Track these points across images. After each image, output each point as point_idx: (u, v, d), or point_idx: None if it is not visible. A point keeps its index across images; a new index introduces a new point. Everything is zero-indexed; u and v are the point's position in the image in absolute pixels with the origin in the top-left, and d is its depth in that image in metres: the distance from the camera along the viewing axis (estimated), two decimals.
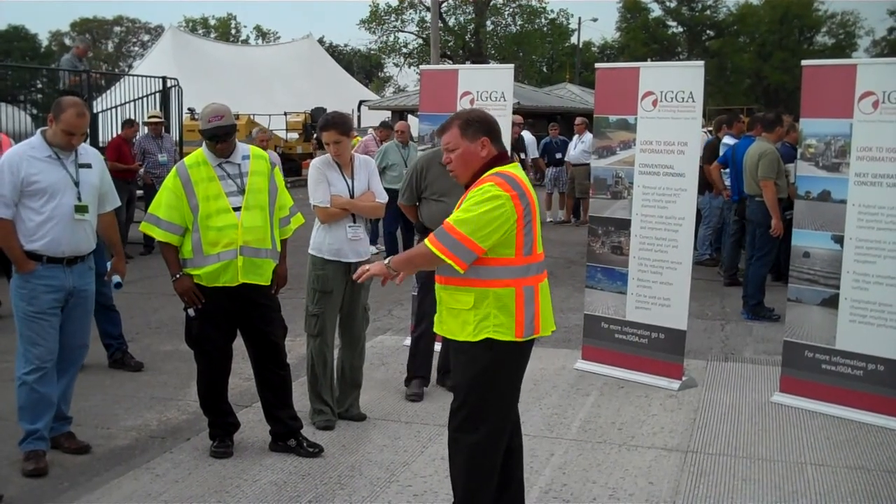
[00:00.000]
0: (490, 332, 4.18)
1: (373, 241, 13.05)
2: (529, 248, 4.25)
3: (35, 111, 17.46)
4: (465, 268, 4.13)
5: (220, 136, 5.63)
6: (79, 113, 5.53)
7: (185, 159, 5.77)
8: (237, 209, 5.63)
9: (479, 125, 4.31)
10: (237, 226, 5.60)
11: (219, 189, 5.63)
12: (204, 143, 5.73)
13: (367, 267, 4.42)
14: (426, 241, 4.18)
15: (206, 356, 5.80)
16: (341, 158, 6.36)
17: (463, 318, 4.23)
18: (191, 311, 5.70)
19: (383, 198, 6.56)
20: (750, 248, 10.34)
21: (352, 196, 6.34)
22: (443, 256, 4.11)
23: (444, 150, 4.37)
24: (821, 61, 7.49)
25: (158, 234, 5.65)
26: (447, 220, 4.18)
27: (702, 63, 7.39)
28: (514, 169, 4.31)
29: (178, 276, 5.67)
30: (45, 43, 67.99)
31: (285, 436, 5.92)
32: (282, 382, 5.94)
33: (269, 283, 5.80)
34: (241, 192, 5.68)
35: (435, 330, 4.50)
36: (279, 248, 5.90)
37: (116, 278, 6.07)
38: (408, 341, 7.86)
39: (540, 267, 4.34)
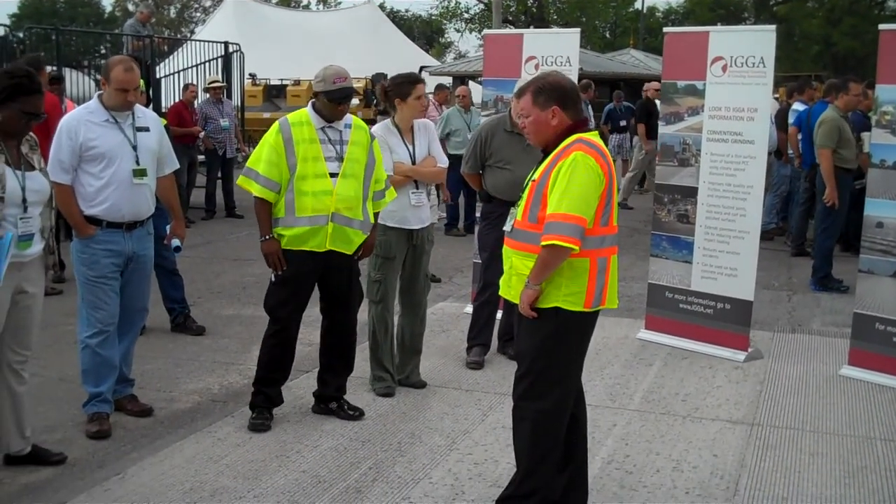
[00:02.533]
0: (559, 300, 4.12)
1: None
2: (606, 220, 4.18)
3: (99, 76, 17.63)
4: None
5: (344, 98, 5.59)
6: (126, 68, 5.50)
7: (289, 117, 5.68)
8: (333, 175, 5.57)
9: (551, 93, 4.22)
10: (331, 192, 5.54)
11: (318, 152, 5.57)
12: (310, 104, 5.68)
13: (524, 309, 4.16)
14: (546, 241, 4.02)
15: (277, 322, 5.74)
16: (423, 113, 6.36)
17: None
18: (272, 276, 5.69)
19: (444, 162, 6.50)
20: (817, 218, 10.12)
21: (413, 162, 6.28)
22: (564, 244, 4.00)
23: (518, 116, 4.31)
24: None
25: (256, 189, 5.57)
26: (554, 209, 4.05)
27: (773, 27, 7.19)
28: (594, 137, 4.24)
29: (267, 237, 5.61)
30: (108, 9, 68.50)
31: (328, 399, 5.93)
32: (347, 352, 5.94)
33: (352, 253, 5.77)
34: (340, 159, 5.61)
35: (501, 294, 4.43)
36: (372, 220, 5.84)
37: (176, 241, 6.08)
38: (469, 309, 7.82)
39: (614, 239, 4.27)
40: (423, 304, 6.60)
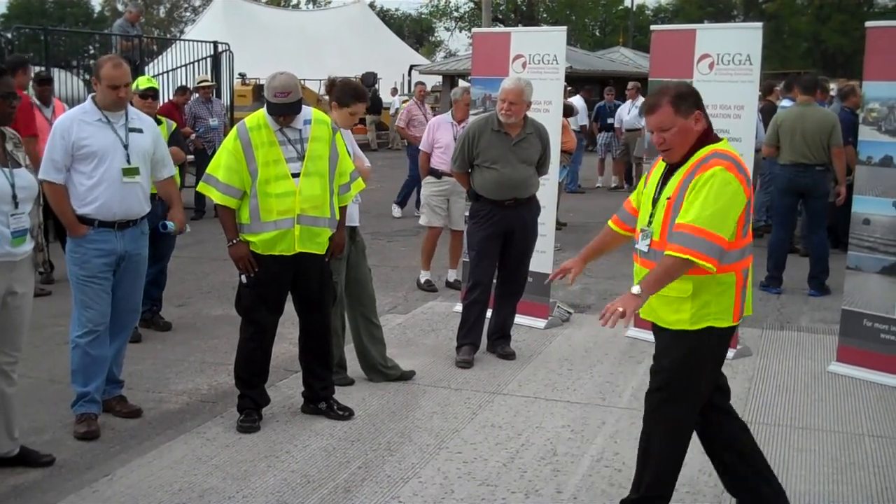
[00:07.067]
0: (711, 320, 4.02)
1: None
2: (746, 230, 4.06)
3: (88, 76, 17.58)
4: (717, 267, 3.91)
5: (282, 113, 5.53)
6: (115, 64, 5.53)
7: (246, 121, 5.63)
8: (296, 175, 5.53)
9: (692, 98, 4.03)
10: (295, 193, 5.50)
11: (279, 154, 5.52)
12: (265, 107, 5.63)
13: (617, 307, 3.95)
14: (671, 251, 3.89)
15: (253, 325, 5.72)
16: None
17: (677, 305, 4.04)
18: (243, 278, 5.66)
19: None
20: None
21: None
22: (702, 262, 3.83)
23: (653, 131, 4.08)
24: (886, 22, 7.26)
25: (217, 197, 5.57)
26: (688, 220, 3.88)
27: (760, 25, 7.21)
28: (727, 146, 4.10)
29: (234, 241, 5.59)
30: (97, 9, 68.37)
31: (317, 399, 5.92)
32: (325, 351, 5.93)
33: (324, 252, 5.75)
34: (301, 158, 5.56)
35: (641, 315, 4.22)
36: (338, 217, 5.80)
37: (170, 225, 6.04)
38: (458, 308, 7.82)
39: (751, 248, 4.16)
40: (372, 291, 6.58)
